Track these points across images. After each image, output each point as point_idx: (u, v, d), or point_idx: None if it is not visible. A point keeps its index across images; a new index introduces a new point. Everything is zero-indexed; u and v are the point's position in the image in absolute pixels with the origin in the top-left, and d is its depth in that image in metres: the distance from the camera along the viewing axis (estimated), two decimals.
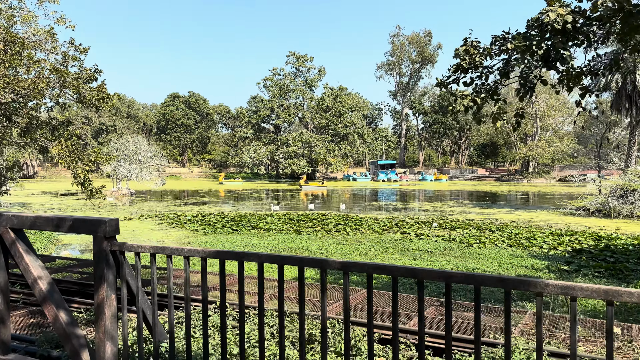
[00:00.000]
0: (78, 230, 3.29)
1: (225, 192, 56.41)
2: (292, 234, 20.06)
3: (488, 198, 43.60)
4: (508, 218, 26.17)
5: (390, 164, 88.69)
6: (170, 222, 24.62)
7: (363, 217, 26.10)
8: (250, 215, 27.11)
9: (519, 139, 79.44)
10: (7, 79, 16.36)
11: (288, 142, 77.83)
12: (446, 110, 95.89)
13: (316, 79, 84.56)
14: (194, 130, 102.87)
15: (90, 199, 20.43)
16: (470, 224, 22.96)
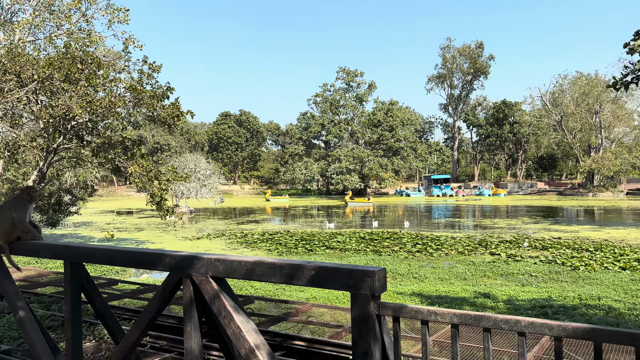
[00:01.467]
0: (324, 283, 2.35)
1: (273, 209, 55.78)
2: (370, 254, 18.97)
3: (561, 214, 41.23)
4: (597, 236, 24.23)
5: (444, 179, 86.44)
6: (239, 241, 23.98)
7: (439, 235, 24.72)
8: (318, 233, 26.19)
9: (582, 151, 75.83)
10: (89, 97, 16.09)
11: (340, 157, 76.95)
12: (502, 122, 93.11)
13: (366, 93, 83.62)
14: (245, 147, 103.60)
15: (165, 219, 20.02)
16: (561, 243, 21.25)
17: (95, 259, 3.20)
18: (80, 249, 3.27)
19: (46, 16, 23.87)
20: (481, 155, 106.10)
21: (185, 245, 23.29)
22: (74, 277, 3.25)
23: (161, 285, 2.90)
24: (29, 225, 3.53)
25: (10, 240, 3.51)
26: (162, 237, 26.76)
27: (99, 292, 3.40)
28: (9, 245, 3.53)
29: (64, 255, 3.31)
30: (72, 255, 3.25)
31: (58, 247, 3.37)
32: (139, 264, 3.01)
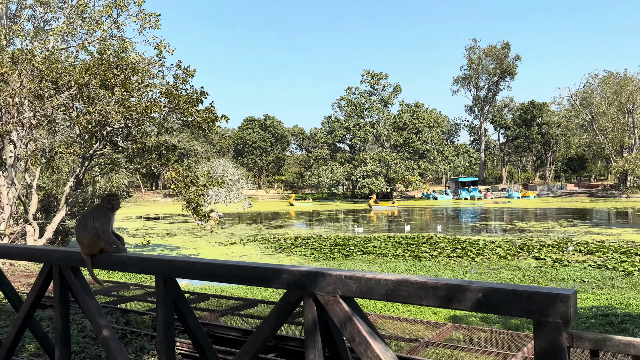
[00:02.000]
0: (497, 308, 1.97)
1: (297, 213, 55.41)
2: (410, 260, 18.50)
3: (598, 216, 40.10)
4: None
5: (471, 181, 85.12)
6: (274, 246, 23.72)
7: (477, 239, 24.10)
8: (352, 238, 25.78)
9: (614, 152, 73.94)
10: (128, 102, 16.01)
11: (365, 161, 76.40)
12: (530, 123, 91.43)
13: (392, 96, 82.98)
14: (270, 152, 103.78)
15: (201, 224, 19.88)
16: (606, 246, 20.46)
17: (193, 274, 2.88)
18: (174, 262, 2.96)
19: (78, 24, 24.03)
20: (508, 157, 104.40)
21: (219, 250, 23.12)
22: (167, 294, 2.94)
23: (277, 303, 2.56)
24: (113, 236, 3.24)
25: (93, 252, 3.23)
26: (195, 243, 26.64)
27: (191, 309, 3.09)
28: (91, 258, 3.25)
29: (155, 270, 3.00)
30: (164, 270, 2.94)
31: (148, 261, 3.06)
32: (250, 279, 2.68)
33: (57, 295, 3.49)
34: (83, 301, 3.33)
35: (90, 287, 3.39)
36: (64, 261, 3.44)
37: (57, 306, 3.50)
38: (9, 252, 3.88)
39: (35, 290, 3.66)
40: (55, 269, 3.49)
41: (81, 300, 3.35)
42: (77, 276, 3.42)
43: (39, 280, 3.62)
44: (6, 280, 4.14)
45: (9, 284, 4.15)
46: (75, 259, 3.40)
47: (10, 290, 4.12)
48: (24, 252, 3.82)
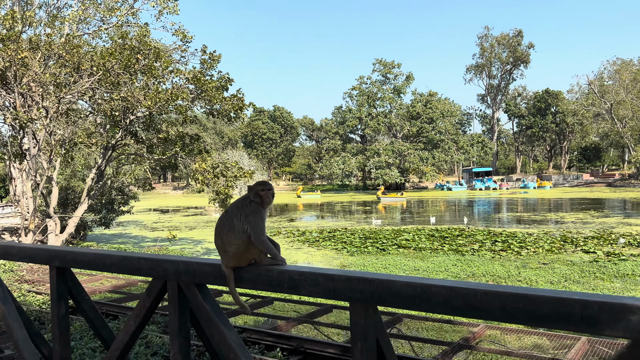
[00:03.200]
0: None
1: (305, 205, 54.28)
2: (451, 254, 17.48)
3: (627, 207, 38.93)
4: None
5: (486, 172, 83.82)
6: (300, 239, 22.78)
7: (513, 232, 23.08)
8: (381, 231, 24.80)
9: (633, 140, 72.43)
10: (156, 87, 15.05)
11: (379, 151, 75.22)
12: (545, 112, 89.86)
13: (404, 85, 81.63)
14: (279, 143, 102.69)
15: None
16: None
17: (430, 306, 1.88)
18: (374, 282, 1.96)
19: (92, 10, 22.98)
20: (523, 147, 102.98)
21: None
22: (368, 321, 1.97)
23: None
24: (270, 242, 2.25)
25: (240, 264, 2.25)
26: None
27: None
28: (233, 273, 2.28)
29: (351, 294, 2.01)
30: (367, 295, 1.95)
31: (335, 280, 2.06)
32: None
33: (175, 321, 2.53)
34: (218, 332, 2.35)
35: (226, 317, 2.42)
36: (185, 277, 2.47)
37: (176, 337, 2.53)
38: (104, 262, 2.91)
39: (139, 316, 2.70)
40: (171, 286, 2.53)
41: (214, 331, 2.38)
42: (205, 297, 2.45)
43: (146, 302, 2.66)
44: (86, 296, 3.17)
45: (88, 301, 3.18)
46: (203, 273, 2.43)
47: (91, 309, 3.16)
48: (121, 262, 2.83)
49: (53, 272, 3.12)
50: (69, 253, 3.05)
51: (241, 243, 2.20)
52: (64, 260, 3.04)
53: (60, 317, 3.10)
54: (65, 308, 3.12)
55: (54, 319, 3.09)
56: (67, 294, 3.13)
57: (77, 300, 3.17)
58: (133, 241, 24.46)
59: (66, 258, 3.03)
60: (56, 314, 3.08)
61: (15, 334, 3.32)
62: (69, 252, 3.05)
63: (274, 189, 2.30)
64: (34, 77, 12.90)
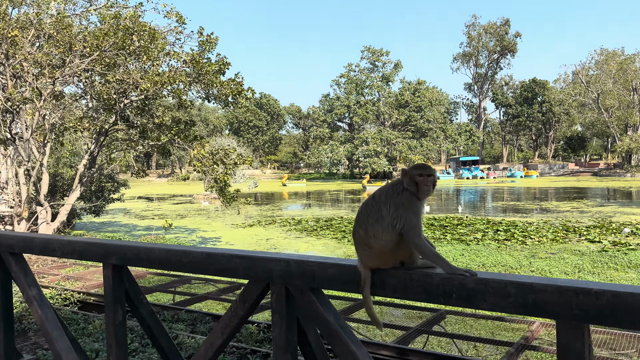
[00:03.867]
0: None
1: (291, 194, 53.74)
2: (455, 244, 17.16)
3: (618, 195, 39.14)
4: None
5: (472, 161, 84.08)
6: (297, 228, 22.31)
7: (512, 220, 22.87)
8: None
9: (619, 130, 73.04)
10: (155, 69, 14.37)
11: (367, 140, 74.77)
12: (532, 101, 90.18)
13: (393, 73, 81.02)
14: (266, 131, 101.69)
15: (228, 206, 18.35)
16: None
17: None
18: (599, 296, 1.49)
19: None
20: (509, 136, 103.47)
21: (241, 233, 21.67)
22: (585, 344, 1.51)
23: None
24: (428, 242, 1.76)
25: (383, 265, 1.77)
26: (210, 225, 25.20)
27: None
28: (371, 276, 1.79)
29: (563, 310, 1.53)
30: (590, 313, 1.49)
31: (536, 291, 1.59)
32: None
33: (282, 334, 2.04)
34: (345, 351, 1.87)
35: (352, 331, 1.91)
36: (298, 279, 1.99)
37: (282, 354, 2.05)
38: (181, 259, 2.40)
39: (229, 326, 2.20)
40: (277, 290, 2.06)
41: (340, 349, 1.90)
42: (324, 305, 1.97)
43: (239, 309, 2.17)
44: (144, 299, 2.67)
45: (146, 305, 2.68)
46: (325, 276, 1.95)
47: (150, 315, 2.65)
48: (206, 261, 2.33)
49: (108, 271, 2.60)
50: (129, 248, 2.52)
51: (391, 240, 1.71)
52: (124, 257, 2.53)
53: (117, 325, 2.59)
54: (123, 314, 2.61)
55: (109, 327, 2.57)
56: (124, 297, 2.62)
57: (134, 305, 2.66)
58: (124, 229, 23.77)
59: (126, 255, 2.51)
60: (112, 321, 2.56)
61: (57, 345, 2.80)
62: (129, 248, 2.52)
63: (434, 176, 1.79)
64: (26, 56, 12.14)
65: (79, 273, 8.95)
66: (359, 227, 1.81)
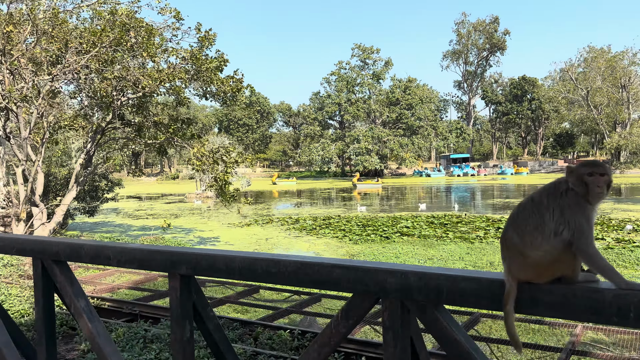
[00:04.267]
0: None
1: (281, 192, 53.41)
2: (459, 242, 17.03)
3: (612, 192, 39.28)
4: None
5: (463, 158, 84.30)
6: (295, 227, 22.05)
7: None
8: (377, 218, 24.25)
9: (608, 127, 73.63)
10: (157, 65, 14.04)
11: (358, 137, 74.65)
12: (522, 98, 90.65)
13: (383, 71, 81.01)
14: (256, 129, 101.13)
15: (228, 205, 18.04)
16: None
17: None
18: None
19: None
20: (499, 133, 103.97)
21: (239, 233, 21.37)
22: None
23: None
24: (600, 255, 1.53)
25: (537, 279, 1.54)
26: (206, 224, 24.87)
27: None
28: (516, 289, 1.56)
29: None
30: None
31: None
32: None
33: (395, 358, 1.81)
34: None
35: None
36: (419, 294, 1.75)
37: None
38: (268, 270, 2.17)
39: (328, 345, 1.97)
40: (390, 306, 1.81)
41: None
42: (442, 313, 1.75)
43: (340, 327, 1.93)
44: (211, 312, 2.43)
45: (213, 318, 2.45)
46: (459, 291, 1.72)
47: (217, 329, 2.43)
48: (299, 271, 2.10)
49: (175, 283, 2.35)
50: (202, 257, 2.27)
51: (553, 249, 1.48)
52: (196, 267, 2.28)
53: (185, 342, 2.35)
54: (191, 330, 2.37)
55: (175, 345, 2.32)
56: (192, 311, 2.37)
57: (201, 319, 2.42)
58: (119, 230, 23.36)
59: (199, 264, 2.27)
60: (179, 338, 2.32)
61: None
62: (203, 256, 2.28)
63: (608, 175, 1.56)
64: (23, 52, 11.76)
65: (86, 276, 8.63)
66: (512, 232, 1.57)
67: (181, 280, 2.31)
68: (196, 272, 2.27)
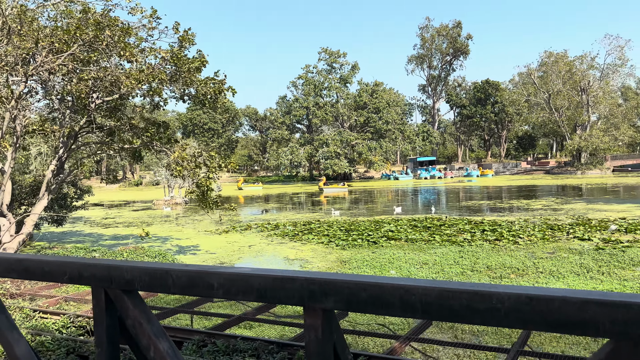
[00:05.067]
0: None
1: (247, 198, 52.40)
2: (448, 245, 16.77)
3: (579, 193, 40.18)
4: None
5: (429, 161, 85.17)
6: (277, 233, 21.43)
7: (493, 220, 22.80)
8: (359, 222, 23.84)
9: (569, 129, 75.60)
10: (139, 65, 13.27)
11: (327, 141, 74.36)
12: (485, 102, 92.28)
13: (350, 75, 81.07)
14: (222, 134, 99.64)
15: (210, 212, 17.26)
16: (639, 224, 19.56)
17: None
18: None
19: None
20: (464, 136, 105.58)
21: (219, 240, 20.60)
22: None
23: None
24: None
25: None
26: (182, 232, 23.94)
27: None
28: None
29: None
30: None
31: None
32: None
33: None
34: None
35: None
36: None
37: None
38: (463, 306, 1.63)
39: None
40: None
41: None
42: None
43: None
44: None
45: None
46: None
47: None
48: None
49: (316, 320, 1.84)
50: (354, 285, 1.74)
51: None
52: (349, 300, 1.76)
53: None
54: None
55: None
56: (331, 351, 1.86)
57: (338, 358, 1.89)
58: (90, 239, 22.23)
59: (355, 296, 1.74)
60: None
61: None
62: (355, 284, 1.74)
63: None
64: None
65: (76, 293, 7.83)
66: None
67: (324, 315, 1.78)
68: (348, 306, 1.74)
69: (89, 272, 2.27)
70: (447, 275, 12.45)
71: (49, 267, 2.40)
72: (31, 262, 2.46)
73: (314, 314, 1.79)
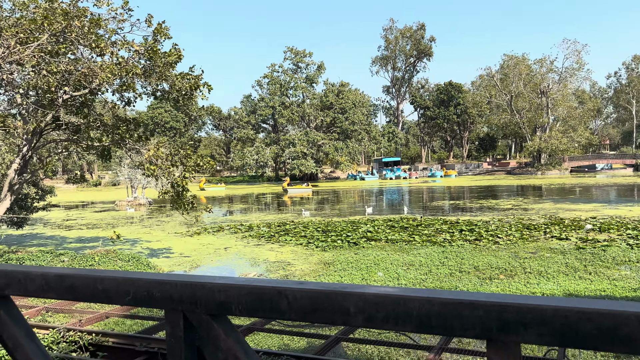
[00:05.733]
0: None
1: (209, 198, 50.66)
2: (429, 246, 16.59)
3: (537, 192, 41.01)
4: (621, 214, 23.22)
5: (394, 161, 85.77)
6: (252, 235, 20.83)
7: (467, 219, 22.84)
8: (334, 223, 23.48)
9: (530, 131, 77.46)
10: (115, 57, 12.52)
11: (294, 141, 73.80)
12: (448, 103, 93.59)
13: (316, 75, 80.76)
14: (184, 133, 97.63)
15: (185, 214, 16.53)
16: (612, 223, 19.87)
17: None
18: None
19: None
20: (428, 137, 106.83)
21: (192, 242, 19.85)
22: None
23: None
24: None
25: None
26: (152, 234, 23.03)
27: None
28: None
29: None
30: None
31: None
32: None
33: None
34: None
35: None
36: None
37: None
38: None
39: None
40: None
41: None
42: None
43: None
44: None
45: None
46: None
47: None
48: None
49: (503, 355, 1.40)
50: (573, 313, 1.32)
51: None
52: (563, 333, 1.33)
53: None
54: None
55: None
56: None
57: None
58: (53, 242, 21.10)
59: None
60: None
61: None
62: (575, 312, 1.32)
63: None
64: None
65: (57, 302, 7.12)
66: None
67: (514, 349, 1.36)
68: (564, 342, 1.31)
69: (163, 291, 1.78)
70: (435, 276, 12.21)
71: (103, 285, 1.90)
72: (78, 278, 1.94)
73: (504, 348, 1.37)
